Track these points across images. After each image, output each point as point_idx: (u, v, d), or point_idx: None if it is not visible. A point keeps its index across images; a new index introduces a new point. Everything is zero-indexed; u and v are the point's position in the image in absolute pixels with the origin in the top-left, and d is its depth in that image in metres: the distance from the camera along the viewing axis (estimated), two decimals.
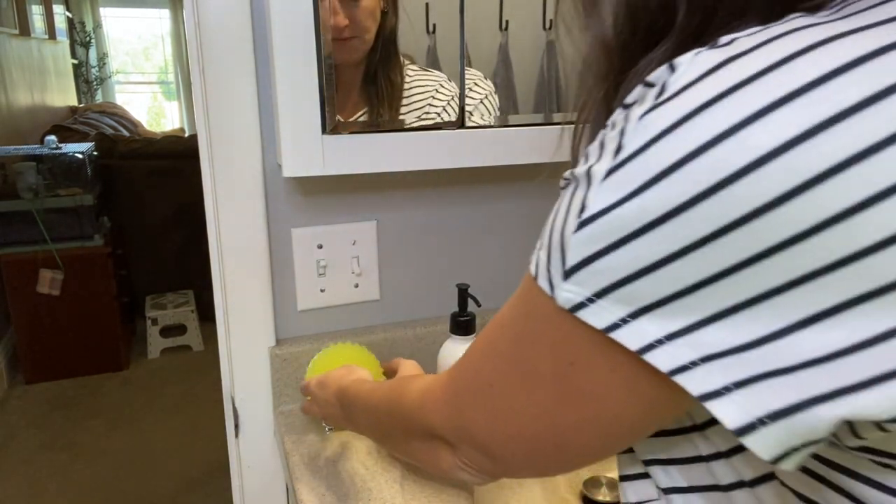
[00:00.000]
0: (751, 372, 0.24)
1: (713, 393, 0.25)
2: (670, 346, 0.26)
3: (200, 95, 0.80)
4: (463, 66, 0.82)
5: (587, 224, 0.27)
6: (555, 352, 0.31)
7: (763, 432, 0.25)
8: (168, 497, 2.10)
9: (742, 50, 0.24)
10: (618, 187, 0.26)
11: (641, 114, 0.26)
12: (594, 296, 0.28)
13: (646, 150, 0.25)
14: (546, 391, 0.32)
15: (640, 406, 0.30)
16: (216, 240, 0.85)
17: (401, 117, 0.81)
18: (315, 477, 0.76)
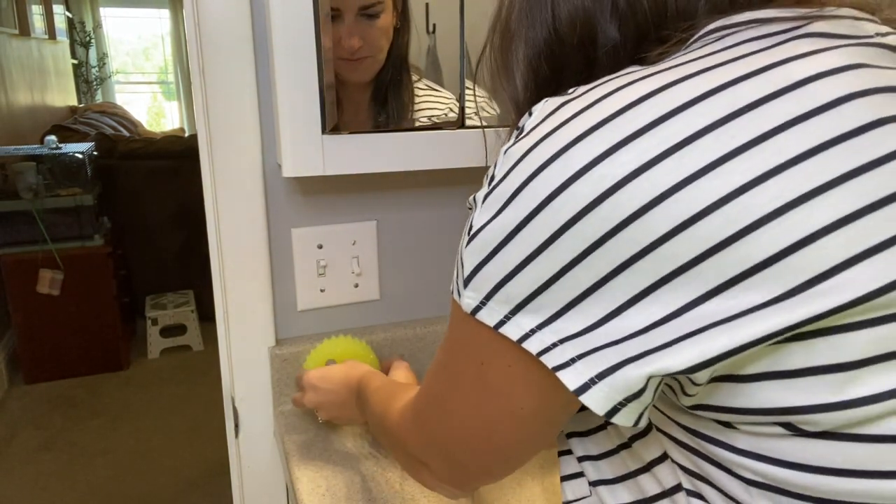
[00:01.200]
0: (590, 346, 0.31)
1: (562, 365, 0.31)
2: (539, 334, 0.32)
3: (200, 95, 0.80)
4: (463, 66, 0.82)
5: (472, 239, 0.34)
6: (470, 354, 0.36)
7: (593, 391, 0.31)
8: (168, 497, 2.10)
9: (576, 95, 0.31)
10: (489, 208, 0.33)
11: (505, 149, 0.33)
12: (485, 298, 0.34)
13: (505, 177, 0.32)
14: (472, 391, 0.37)
15: (538, 394, 0.34)
16: (216, 240, 0.85)
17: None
18: (315, 477, 0.76)
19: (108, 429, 2.47)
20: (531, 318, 0.32)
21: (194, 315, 3.08)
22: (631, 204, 0.28)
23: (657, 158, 0.28)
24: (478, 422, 0.38)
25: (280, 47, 0.73)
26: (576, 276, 0.30)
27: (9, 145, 3.04)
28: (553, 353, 0.32)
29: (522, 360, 0.33)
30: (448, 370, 0.39)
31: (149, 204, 3.16)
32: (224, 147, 0.82)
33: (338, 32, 0.72)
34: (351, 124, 0.77)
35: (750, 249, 0.27)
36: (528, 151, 0.31)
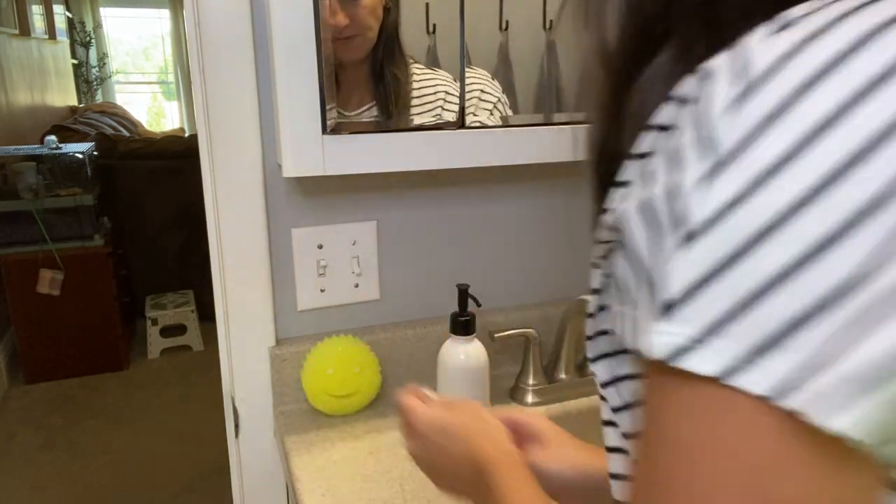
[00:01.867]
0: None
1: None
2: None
3: (200, 95, 0.80)
4: (463, 66, 0.82)
5: (694, 237, 0.23)
6: (714, 444, 0.23)
7: None
8: (168, 497, 2.10)
9: (815, 30, 0.22)
10: (725, 187, 0.22)
11: (726, 108, 0.23)
12: (707, 331, 0.22)
13: (751, 144, 0.22)
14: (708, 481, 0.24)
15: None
16: (216, 240, 0.85)
17: (413, 117, 0.81)
18: (315, 477, 0.76)
19: (108, 429, 2.47)
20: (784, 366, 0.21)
21: (194, 315, 3.08)
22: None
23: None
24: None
25: (280, 47, 0.73)
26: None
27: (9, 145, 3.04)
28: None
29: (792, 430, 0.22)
30: (671, 458, 0.24)
31: (149, 204, 3.16)
32: (224, 147, 0.82)
33: (324, 11, 0.74)
34: (351, 102, 0.78)
35: None
36: (785, 106, 0.22)
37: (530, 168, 0.99)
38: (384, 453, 0.81)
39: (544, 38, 0.86)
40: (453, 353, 0.82)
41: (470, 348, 0.83)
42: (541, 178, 1.00)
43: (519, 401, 0.93)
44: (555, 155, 0.88)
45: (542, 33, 0.86)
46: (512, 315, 1.00)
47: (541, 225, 1.02)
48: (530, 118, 0.87)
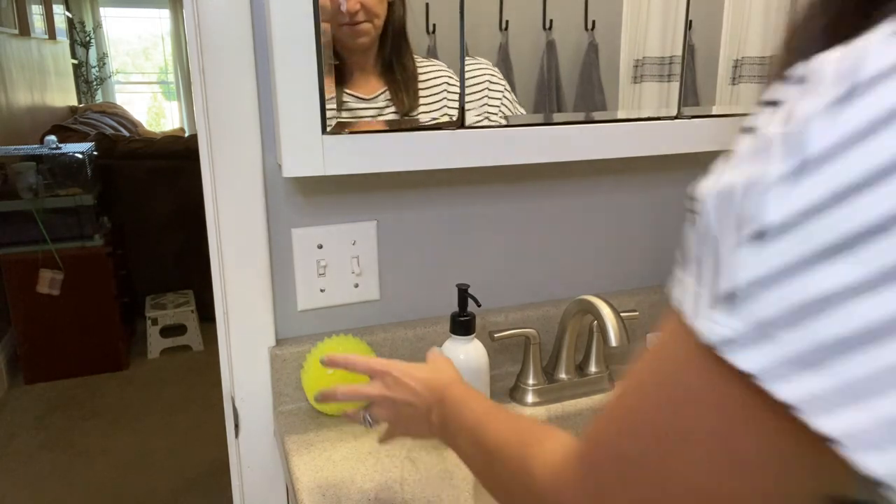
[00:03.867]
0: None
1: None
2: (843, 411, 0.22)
3: (200, 95, 0.80)
4: (463, 66, 0.82)
5: (764, 237, 0.23)
6: (713, 413, 0.26)
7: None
8: (168, 497, 2.10)
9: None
10: (809, 191, 0.22)
11: (826, 108, 0.22)
12: (759, 331, 0.23)
13: (843, 151, 0.21)
14: (706, 462, 0.27)
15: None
16: (216, 240, 0.85)
17: (420, 109, 0.83)
18: (315, 477, 0.76)
19: (108, 429, 2.47)
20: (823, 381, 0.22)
21: (194, 315, 3.08)
22: None
23: None
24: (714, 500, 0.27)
25: (280, 47, 0.73)
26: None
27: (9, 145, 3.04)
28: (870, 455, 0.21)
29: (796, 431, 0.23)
30: (663, 425, 0.28)
31: (149, 204, 3.16)
32: (224, 147, 0.82)
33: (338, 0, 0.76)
34: (365, 88, 0.79)
35: None
36: (887, 119, 0.20)
37: (530, 168, 0.99)
38: (384, 453, 0.81)
39: (544, 37, 0.86)
40: (453, 353, 0.82)
41: (470, 348, 0.83)
42: (541, 178, 1.00)
43: (519, 401, 0.93)
44: (554, 155, 0.88)
45: (542, 33, 0.86)
46: (512, 315, 1.00)
47: (541, 225, 1.02)
48: (529, 118, 0.87)
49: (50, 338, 2.74)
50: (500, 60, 0.85)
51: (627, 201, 1.07)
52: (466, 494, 0.73)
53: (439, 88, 0.83)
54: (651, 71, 0.91)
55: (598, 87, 0.90)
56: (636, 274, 1.11)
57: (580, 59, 0.88)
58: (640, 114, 0.92)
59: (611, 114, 0.91)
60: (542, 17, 0.85)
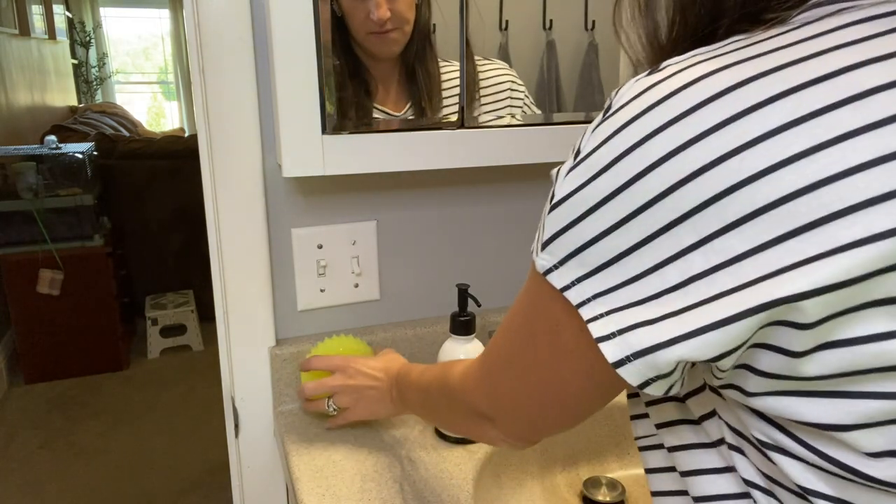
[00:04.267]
0: (629, 323, 0.33)
1: (604, 337, 0.34)
2: (594, 302, 0.35)
3: (200, 95, 0.80)
4: (463, 66, 0.82)
5: (554, 207, 0.36)
6: (546, 317, 0.39)
7: (629, 366, 0.33)
8: (168, 497, 2.10)
9: (660, 78, 0.33)
10: (573, 180, 0.35)
11: (594, 127, 0.35)
12: (558, 263, 0.36)
13: (591, 154, 0.34)
14: (546, 351, 0.40)
15: (598, 359, 0.36)
16: (216, 240, 0.85)
17: (484, 110, 0.83)
18: (315, 477, 0.76)
19: (107, 429, 2.47)
20: (592, 287, 0.35)
21: (194, 315, 3.08)
22: (696, 195, 0.31)
23: (720, 158, 0.30)
24: (551, 380, 0.41)
25: (280, 47, 0.73)
26: (641, 254, 0.32)
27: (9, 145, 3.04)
28: (598, 323, 0.34)
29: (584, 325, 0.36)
30: (523, 330, 0.42)
31: (149, 204, 3.16)
32: (224, 147, 0.82)
33: (366, 6, 0.74)
34: (390, 104, 0.79)
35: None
36: (615, 133, 0.33)
37: (530, 168, 0.99)
38: (384, 453, 0.81)
39: (544, 37, 0.86)
40: (453, 353, 0.82)
41: (470, 348, 0.83)
42: (541, 177, 1.00)
43: None
44: (555, 155, 0.88)
45: (542, 33, 0.86)
46: None
47: None
48: (530, 118, 0.87)
49: (50, 338, 2.74)
50: (501, 60, 0.85)
51: None
52: (466, 494, 0.73)
53: (503, 87, 0.83)
54: None
55: (598, 87, 0.90)
56: None
57: (580, 59, 0.88)
58: None
59: None
60: (542, 17, 0.85)
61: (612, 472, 0.90)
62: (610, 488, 0.84)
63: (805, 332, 0.30)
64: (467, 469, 0.78)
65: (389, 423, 0.87)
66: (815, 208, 0.28)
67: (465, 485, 0.75)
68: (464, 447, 0.82)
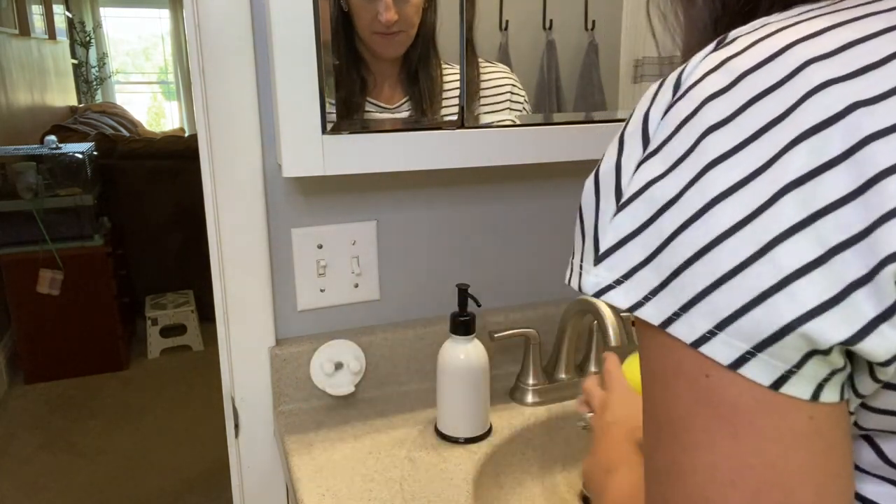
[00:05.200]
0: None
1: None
2: (694, 312, 0.28)
3: (200, 95, 0.80)
4: (463, 66, 0.82)
5: (624, 207, 0.31)
6: (683, 392, 0.30)
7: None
8: (168, 497, 2.10)
9: (736, 51, 0.30)
10: (649, 171, 0.30)
11: (661, 113, 0.31)
12: (656, 290, 0.30)
13: (669, 139, 0.30)
14: (723, 444, 0.29)
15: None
16: (216, 240, 0.85)
17: (484, 112, 0.83)
18: (315, 477, 0.76)
19: (107, 429, 2.47)
20: (704, 319, 0.28)
21: (194, 315, 3.08)
22: (808, 159, 0.27)
23: (837, 116, 0.26)
24: (746, 461, 0.28)
25: (280, 47, 0.73)
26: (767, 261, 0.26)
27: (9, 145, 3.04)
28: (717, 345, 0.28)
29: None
30: (675, 441, 0.30)
31: (149, 204, 3.16)
32: (224, 147, 0.82)
33: (374, 7, 0.74)
34: (383, 96, 0.79)
35: None
36: (693, 112, 0.29)
37: (530, 168, 0.99)
38: (384, 453, 0.81)
39: (544, 37, 0.86)
40: (453, 353, 0.82)
41: (470, 348, 0.83)
42: (541, 177, 1.00)
43: (519, 401, 0.93)
44: (555, 155, 0.88)
45: (542, 33, 0.86)
46: (512, 315, 1.00)
47: (541, 225, 1.02)
48: (530, 118, 0.87)
49: (50, 338, 2.74)
50: (500, 60, 0.85)
51: None
52: (466, 494, 0.73)
53: (504, 90, 0.83)
54: (651, 71, 0.91)
55: (598, 87, 0.90)
56: None
57: (580, 59, 0.88)
58: None
59: (611, 114, 0.91)
60: (542, 17, 0.85)
61: None
62: None
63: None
64: (467, 469, 0.78)
65: (389, 423, 0.87)
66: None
67: (465, 485, 0.75)
68: (464, 447, 0.82)
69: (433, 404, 0.91)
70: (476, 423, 0.83)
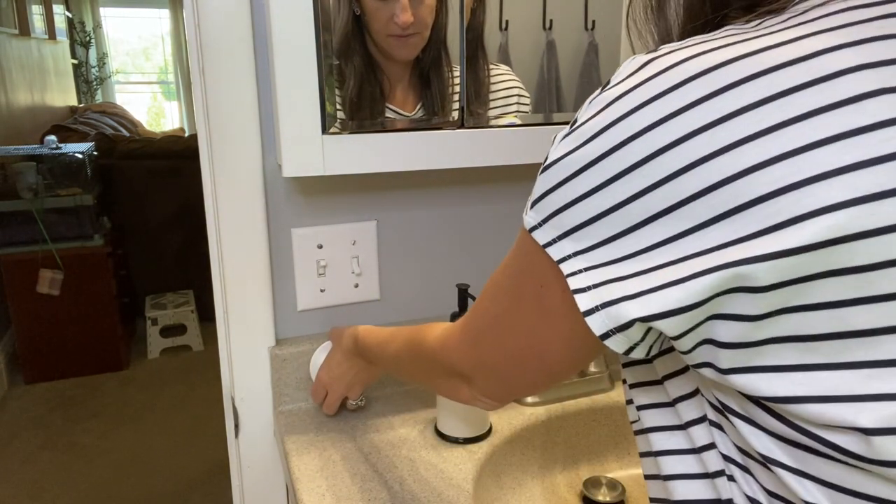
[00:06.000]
0: (604, 278, 0.36)
1: (580, 289, 0.36)
2: (574, 259, 0.37)
3: (200, 95, 0.80)
4: (463, 66, 0.82)
5: (546, 169, 0.39)
6: (532, 275, 0.41)
7: (595, 315, 0.36)
8: (168, 497, 2.10)
9: (654, 57, 0.36)
10: (567, 144, 0.38)
11: (592, 99, 0.38)
12: (542, 220, 0.39)
13: (588, 121, 0.37)
14: (531, 312, 0.42)
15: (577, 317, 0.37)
16: (216, 240, 0.85)
17: (492, 112, 0.84)
18: (315, 477, 0.76)
19: (108, 429, 2.47)
20: (572, 245, 0.37)
21: (194, 315, 3.08)
22: (671, 163, 0.33)
23: (695, 131, 0.32)
24: (533, 342, 0.43)
25: (280, 47, 0.73)
26: (618, 216, 0.35)
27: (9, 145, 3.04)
28: (576, 279, 0.37)
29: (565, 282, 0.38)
30: (511, 289, 0.43)
31: (149, 204, 3.16)
32: (224, 147, 0.82)
33: (390, 9, 0.75)
34: (402, 104, 0.80)
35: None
36: (609, 104, 0.36)
37: (530, 168, 0.99)
38: (384, 453, 0.81)
39: (544, 38, 0.86)
40: None
41: None
42: None
43: (519, 401, 0.93)
44: None
45: (542, 33, 0.86)
46: None
47: None
48: (529, 118, 0.87)
49: (50, 338, 2.74)
50: (501, 60, 0.85)
51: None
52: (466, 494, 0.73)
53: (512, 92, 0.83)
54: None
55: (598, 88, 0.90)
56: None
57: (580, 59, 0.88)
58: None
59: None
60: (542, 17, 0.85)
61: (612, 472, 0.90)
62: (610, 488, 0.84)
63: (760, 297, 0.31)
64: (467, 469, 0.78)
65: (389, 423, 0.87)
66: (777, 179, 0.30)
67: (465, 485, 0.75)
68: (464, 447, 0.82)
69: (433, 404, 0.91)
70: (476, 423, 0.83)
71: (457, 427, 0.83)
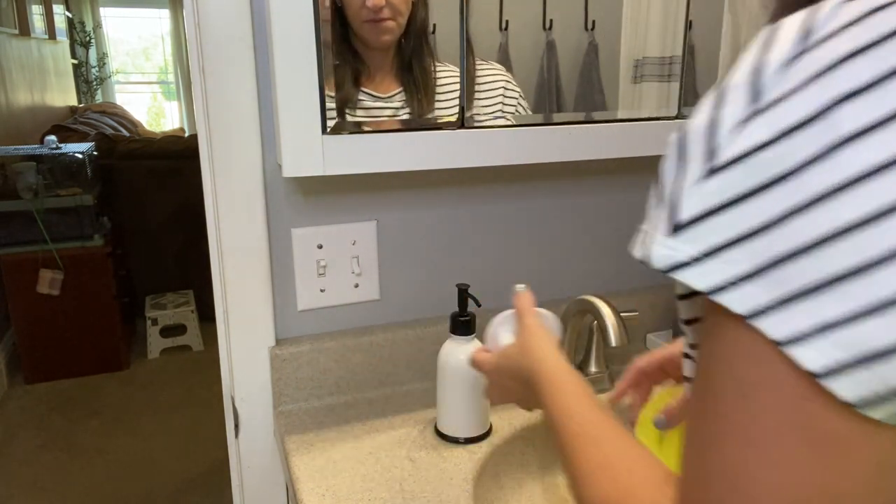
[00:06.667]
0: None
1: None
2: (793, 308, 0.24)
3: (200, 95, 0.80)
4: (463, 67, 0.82)
5: (716, 172, 0.25)
6: (751, 381, 0.26)
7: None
8: (168, 497, 2.10)
9: (881, 4, 0.24)
10: (757, 132, 0.25)
11: (781, 62, 0.25)
12: (747, 275, 0.25)
13: (790, 95, 0.24)
14: (794, 446, 0.25)
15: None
16: (216, 240, 0.85)
17: (476, 110, 0.84)
18: (315, 477, 0.76)
19: (108, 429, 2.47)
20: (809, 313, 0.23)
21: (194, 315, 3.08)
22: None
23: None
24: (814, 490, 0.25)
25: (280, 47, 0.73)
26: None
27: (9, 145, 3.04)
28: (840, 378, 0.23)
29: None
30: (730, 423, 0.26)
31: (149, 204, 3.16)
32: (224, 147, 0.82)
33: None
34: (380, 87, 0.80)
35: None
36: (833, 66, 0.24)
37: (530, 168, 0.99)
38: (384, 453, 0.81)
39: (544, 37, 0.86)
40: (453, 353, 0.82)
41: (470, 348, 0.83)
42: (541, 178, 1.00)
43: None
44: (555, 155, 0.88)
45: (542, 33, 0.86)
46: None
47: (541, 225, 1.02)
48: (529, 118, 0.87)
49: (50, 338, 2.74)
50: (501, 60, 0.85)
51: (628, 201, 1.07)
52: (466, 494, 0.73)
53: (497, 90, 0.83)
54: (651, 71, 0.91)
55: (598, 87, 0.90)
56: (636, 274, 1.11)
57: (580, 59, 0.88)
58: (640, 114, 0.92)
59: (611, 114, 0.91)
60: (542, 17, 0.85)
61: None
62: None
63: None
64: (467, 469, 0.78)
65: (389, 423, 0.87)
66: None
67: (465, 485, 0.75)
68: (464, 447, 0.82)
69: (433, 404, 0.91)
70: (476, 423, 0.83)
71: (457, 427, 0.83)
